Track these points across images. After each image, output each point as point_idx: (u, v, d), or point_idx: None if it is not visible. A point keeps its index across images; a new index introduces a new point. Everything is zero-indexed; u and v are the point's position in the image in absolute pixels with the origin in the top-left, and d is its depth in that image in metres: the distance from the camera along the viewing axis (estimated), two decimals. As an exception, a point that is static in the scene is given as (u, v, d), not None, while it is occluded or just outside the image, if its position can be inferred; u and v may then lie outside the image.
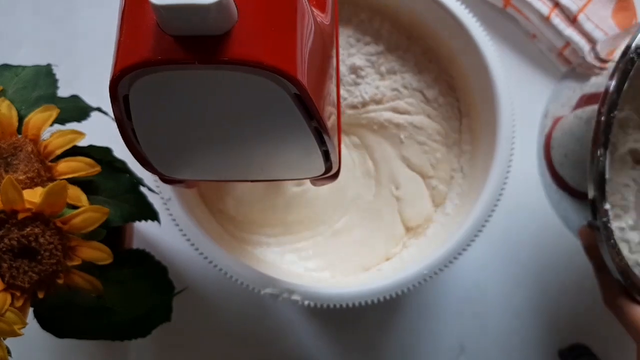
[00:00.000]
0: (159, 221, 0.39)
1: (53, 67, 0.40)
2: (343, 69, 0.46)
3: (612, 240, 0.36)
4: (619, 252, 0.37)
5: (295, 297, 0.40)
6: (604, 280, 0.39)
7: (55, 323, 0.37)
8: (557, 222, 0.43)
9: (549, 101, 0.44)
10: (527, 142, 0.46)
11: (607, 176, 0.35)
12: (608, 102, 0.35)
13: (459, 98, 0.48)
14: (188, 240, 0.40)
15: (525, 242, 0.53)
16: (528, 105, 0.47)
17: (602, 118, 0.35)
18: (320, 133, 0.26)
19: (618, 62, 0.35)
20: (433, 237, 0.45)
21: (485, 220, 0.41)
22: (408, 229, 0.47)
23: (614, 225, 0.40)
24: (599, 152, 0.35)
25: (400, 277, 0.40)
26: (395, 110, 0.47)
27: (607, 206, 0.36)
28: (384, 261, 0.46)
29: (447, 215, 0.46)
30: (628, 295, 0.38)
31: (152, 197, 0.39)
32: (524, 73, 0.55)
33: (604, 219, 0.36)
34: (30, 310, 0.34)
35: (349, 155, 0.48)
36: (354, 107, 0.47)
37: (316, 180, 0.33)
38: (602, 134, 0.35)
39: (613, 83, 0.35)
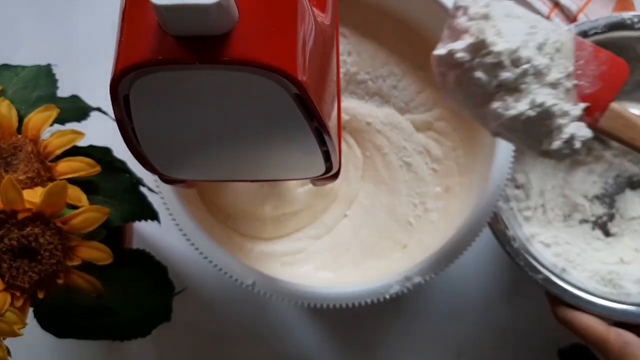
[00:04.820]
0: (159, 221, 0.39)
1: (53, 67, 0.40)
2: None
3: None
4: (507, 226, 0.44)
5: (295, 296, 0.40)
6: (551, 298, 0.44)
7: (55, 323, 0.37)
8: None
9: None
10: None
11: None
12: None
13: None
14: (188, 240, 0.40)
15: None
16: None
17: None
18: (320, 133, 0.26)
19: None
20: (433, 238, 0.45)
21: (485, 221, 0.41)
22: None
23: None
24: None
25: (400, 278, 0.40)
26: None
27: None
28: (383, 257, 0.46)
29: (447, 216, 0.46)
30: (569, 306, 0.42)
31: (152, 197, 0.39)
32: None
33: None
34: (30, 310, 0.34)
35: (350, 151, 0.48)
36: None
37: (316, 180, 0.33)
38: None
39: None
